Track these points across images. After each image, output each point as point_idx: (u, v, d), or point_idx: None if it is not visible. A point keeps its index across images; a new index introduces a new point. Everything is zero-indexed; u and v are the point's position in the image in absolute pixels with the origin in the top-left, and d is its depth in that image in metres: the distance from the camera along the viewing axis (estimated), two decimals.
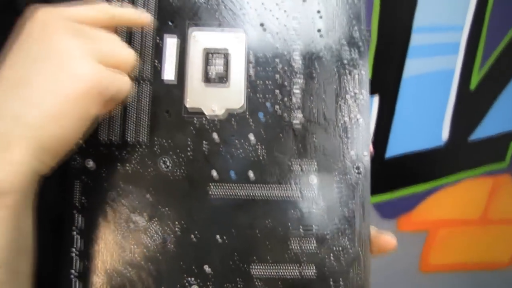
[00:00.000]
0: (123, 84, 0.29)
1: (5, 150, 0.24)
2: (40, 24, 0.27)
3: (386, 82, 1.01)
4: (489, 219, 1.22)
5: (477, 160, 1.16)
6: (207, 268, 0.32)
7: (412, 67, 1.00)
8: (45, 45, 0.26)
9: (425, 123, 1.08)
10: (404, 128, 1.05)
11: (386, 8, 0.93)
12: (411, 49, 0.99)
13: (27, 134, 0.25)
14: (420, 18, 0.97)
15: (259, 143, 0.33)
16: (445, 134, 1.10)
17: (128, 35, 0.34)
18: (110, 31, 0.29)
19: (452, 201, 1.18)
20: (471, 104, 1.09)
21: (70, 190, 0.32)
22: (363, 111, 0.33)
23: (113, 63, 0.28)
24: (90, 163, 0.32)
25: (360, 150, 0.33)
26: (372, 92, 1.00)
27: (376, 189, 1.09)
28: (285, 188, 0.32)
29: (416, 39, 0.98)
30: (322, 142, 0.33)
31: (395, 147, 1.07)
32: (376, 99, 1.01)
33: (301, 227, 0.32)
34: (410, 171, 1.12)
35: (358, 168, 0.33)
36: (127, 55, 0.29)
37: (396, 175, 1.11)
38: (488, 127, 1.12)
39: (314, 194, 0.32)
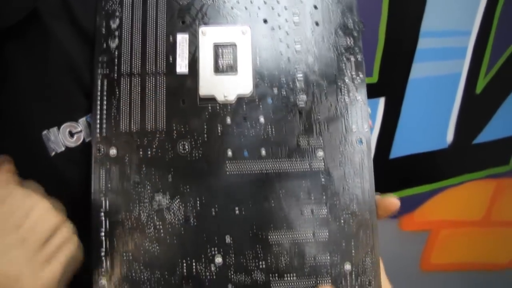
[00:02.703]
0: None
1: None
2: None
3: (392, 84, 1.02)
4: (491, 221, 1.23)
5: (481, 163, 1.17)
6: (228, 239, 0.35)
7: (419, 70, 1.02)
8: None
9: (430, 125, 1.09)
10: (409, 130, 1.07)
11: (394, 12, 0.94)
12: (418, 52, 1.00)
13: None
14: (428, 22, 0.98)
15: (268, 124, 0.36)
16: (449, 137, 1.11)
17: (143, 33, 0.36)
18: None
19: (455, 203, 1.19)
20: (476, 108, 1.10)
21: (96, 178, 0.35)
22: (360, 90, 0.37)
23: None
24: (114, 151, 0.35)
25: (360, 124, 0.36)
26: (379, 94, 1.02)
27: (379, 188, 1.10)
28: (295, 162, 0.36)
29: (424, 43, 1.00)
30: (326, 119, 0.36)
31: (400, 148, 1.09)
32: (382, 101, 1.03)
33: (312, 196, 0.35)
34: (414, 172, 1.13)
35: (360, 140, 0.36)
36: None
37: (400, 176, 1.13)
38: (493, 131, 1.13)
39: (322, 166, 0.36)
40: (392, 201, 0.36)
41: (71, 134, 0.35)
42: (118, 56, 0.36)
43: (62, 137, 0.35)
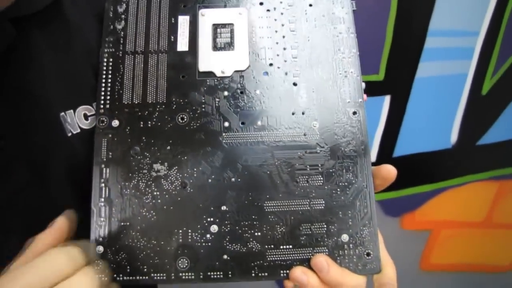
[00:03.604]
0: None
1: None
2: None
3: (398, 82, 1.02)
4: (493, 222, 1.23)
5: (484, 164, 1.17)
6: (224, 208, 0.35)
7: (426, 69, 1.02)
8: None
9: (434, 125, 1.09)
10: (413, 129, 1.07)
11: (403, 9, 0.95)
12: (425, 51, 1.00)
13: None
14: (437, 21, 0.98)
15: (264, 97, 0.37)
16: (453, 137, 1.12)
17: (147, 16, 0.39)
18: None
19: (457, 203, 1.19)
20: (481, 109, 1.10)
21: (98, 148, 0.36)
22: (354, 66, 0.38)
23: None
24: (116, 122, 0.36)
25: (355, 97, 0.37)
26: (384, 92, 1.02)
27: None
28: (290, 132, 0.37)
29: (431, 42, 1.00)
30: (321, 93, 0.37)
31: (404, 147, 1.09)
32: (387, 99, 1.03)
33: (308, 166, 0.36)
34: (417, 171, 1.14)
35: (354, 112, 0.37)
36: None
37: (403, 174, 1.12)
38: (497, 133, 1.13)
39: (317, 137, 0.36)
40: (389, 168, 0.36)
41: (86, 117, 0.38)
42: (124, 36, 0.38)
43: (77, 119, 0.37)
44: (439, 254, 1.25)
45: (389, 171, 0.36)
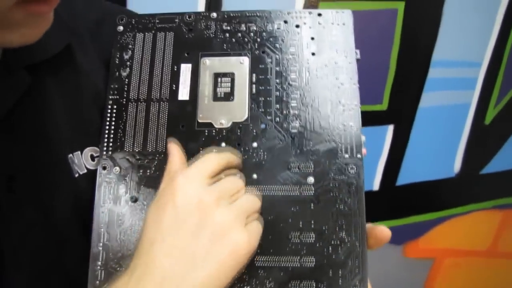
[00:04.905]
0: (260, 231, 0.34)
1: None
2: (188, 196, 0.31)
3: (402, 112, 1.03)
4: (497, 251, 1.23)
5: (488, 193, 1.17)
6: None
7: (429, 99, 1.02)
8: (202, 219, 0.31)
9: (438, 154, 1.09)
10: (417, 158, 1.07)
11: (406, 40, 0.95)
12: (428, 81, 1.01)
13: None
14: (440, 52, 0.99)
15: (261, 149, 0.37)
16: (457, 166, 1.12)
17: (151, 63, 0.39)
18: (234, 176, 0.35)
19: (461, 232, 1.19)
20: (485, 138, 1.10)
21: (99, 192, 0.36)
22: (354, 118, 0.37)
23: (252, 214, 0.34)
24: (117, 169, 0.37)
25: (353, 152, 0.36)
26: (388, 121, 1.03)
27: (384, 215, 1.11)
28: (285, 188, 0.36)
29: (434, 73, 1.00)
30: (318, 146, 0.37)
31: (407, 175, 1.09)
32: (391, 128, 1.03)
33: (301, 222, 0.35)
34: (420, 199, 1.14)
35: (352, 168, 0.36)
36: (258, 202, 0.35)
37: (406, 203, 1.13)
38: (501, 162, 1.13)
39: (312, 192, 0.36)
40: (383, 230, 0.35)
41: (92, 158, 0.38)
42: (128, 83, 0.39)
43: (84, 160, 0.38)
44: (443, 283, 1.24)
45: (383, 233, 0.35)
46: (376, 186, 1.08)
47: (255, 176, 0.36)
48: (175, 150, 0.36)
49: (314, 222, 0.35)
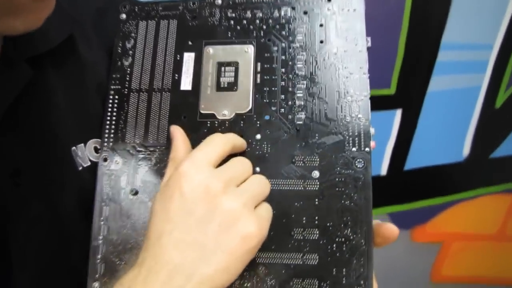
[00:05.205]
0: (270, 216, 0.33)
1: None
2: (195, 183, 0.30)
3: (410, 96, 1.01)
4: (506, 235, 1.22)
5: (497, 177, 1.15)
6: None
7: (438, 83, 1.00)
8: (210, 208, 0.30)
9: (446, 138, 1.08)
10: (425, 142, 1.06)
11: (415, 23, 0.93)
12: (438, 65, 0.99)
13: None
14: (450, 34, 0.96)
15: (265, 141, 0.36)
16: (466, 150, 1.10)
17: (154, 52, 0.38)
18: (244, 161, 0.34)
19: (469, 216, 1.18)
20: (495, 122, 1.08)
21: (99, 185, 0.36)
22: (363, 110, 0.35)
23: (261, 200, 0.32)
24: (118, 161, 0.37)
25: (361, 145, 0.35)
26: (396, 106, 1.01)
27: (392, 199, 1.10)
28: (289, 182, 0.35)
29: (444, 56, 0.98)
30: (324, 139, 0.35)
31: (415, 160, 1.08)
32: (399, 112, 1.02)
33: (304, 217, 0.34)
34: (428, 184, 1.13)
35: (360, 162, 0.34)
36: (267, 184, 0.33)
37: (414, 187, 1.12)
38: (511, 146, 1.12)
39: (317, 187, 0.34)
40: (391, 228, 0.34)
41: (96, 150, 0.38)
42: (130, 73, 0.38)
43: (88, 153, 0.38)
44: (451, 266, 1.23)
45: (391, 231, 0.34)
46: (384, 171, 1.07)
47: (258, 169, 0.35)
48: (179, 135, 0.35)
49: (318, 218, 0.34)
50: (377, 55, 0.97)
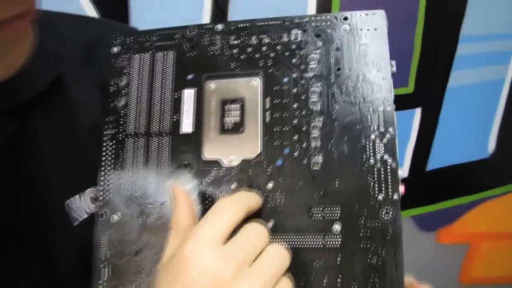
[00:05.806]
0: None
1: None
2: (202, 270, 0.26)
3: (429, 93, 0.96)
4: None
5: None
6: None
7: (458, 78, 0.95)
8: None
9: (469, 135, 1.03)
10: (447, 140, 1.01)
11: (432, 16, 0.88)
12: (457, 59, 0.94)
13: None
14: (469, 26, 0.91)
15: (278, 191, 0.31)
16: (491, 146, 1.05)
17: (150, 92, 0.34)
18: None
19: (498, 214, 1.13)
20: None
21: (97, 244, 0.32)
22: (390, 150, 0.31)
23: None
24: (115, 217, 0.33)
25: (388, 192, 0.30)
26: (414, 105, 0.96)
27: (415, 202, 1.06)
28: (307, 238, 0.30)
29: (463, 49, 0.93)
30: (346, 186, 0.30)
31: (438, 160, 1.03)
32: (418, 111, 0.97)
33: (325, 279, 0.30)
34: (453, 184, 1.08)
35: (388, 213, 0.30)
36: (287, 256, 0.28)
37: (437, 188, 1.07)
38: None
39: (339, 243, 0.30)
40: None
41: (94, 199, 0.35)
42: (125, 115, 0.34)
43: (85, 204, 0.35)
44: (480, 267, 1.19)
45: None
46: (405, 173, 1.02)
47: (270, 224, 0.30)
48: (181, 197, 0.31)
49: (341, 279, 0.29)
50: (392, 52, 0.91)
